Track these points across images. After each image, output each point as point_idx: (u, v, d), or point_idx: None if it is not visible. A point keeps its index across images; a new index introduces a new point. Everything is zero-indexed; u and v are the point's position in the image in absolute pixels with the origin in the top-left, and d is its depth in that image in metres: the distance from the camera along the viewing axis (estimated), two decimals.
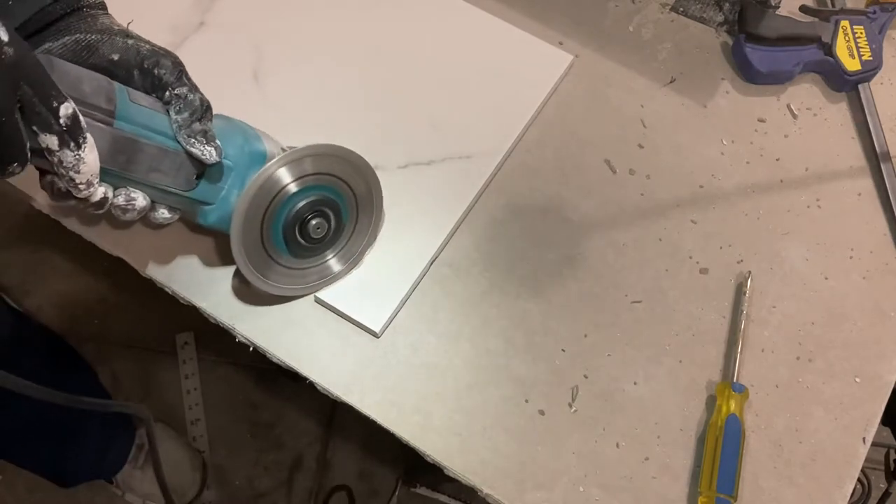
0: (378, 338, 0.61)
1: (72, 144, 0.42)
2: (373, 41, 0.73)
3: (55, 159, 0.42)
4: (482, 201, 0.67)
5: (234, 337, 0.61)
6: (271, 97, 0.70)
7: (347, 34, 0.73)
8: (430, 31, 0.74)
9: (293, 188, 0.55)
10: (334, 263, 0.61)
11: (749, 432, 0.59)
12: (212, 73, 0.70)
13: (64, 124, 0.41)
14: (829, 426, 0.60)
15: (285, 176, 0.54)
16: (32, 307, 1.42)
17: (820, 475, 0.58)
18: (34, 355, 1.13)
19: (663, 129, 0.72)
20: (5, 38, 0.37)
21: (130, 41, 0.50)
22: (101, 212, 0.49)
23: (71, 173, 0.43)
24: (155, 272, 0.62)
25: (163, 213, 0.53)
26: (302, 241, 0.57)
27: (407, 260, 0.63)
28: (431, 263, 0.64)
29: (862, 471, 0.60)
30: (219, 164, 0.52)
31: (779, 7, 0.75)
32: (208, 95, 0.52)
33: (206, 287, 0.62)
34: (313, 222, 0.57)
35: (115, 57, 0.49)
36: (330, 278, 0.61)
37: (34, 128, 0.41)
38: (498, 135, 0.69)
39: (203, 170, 0.52)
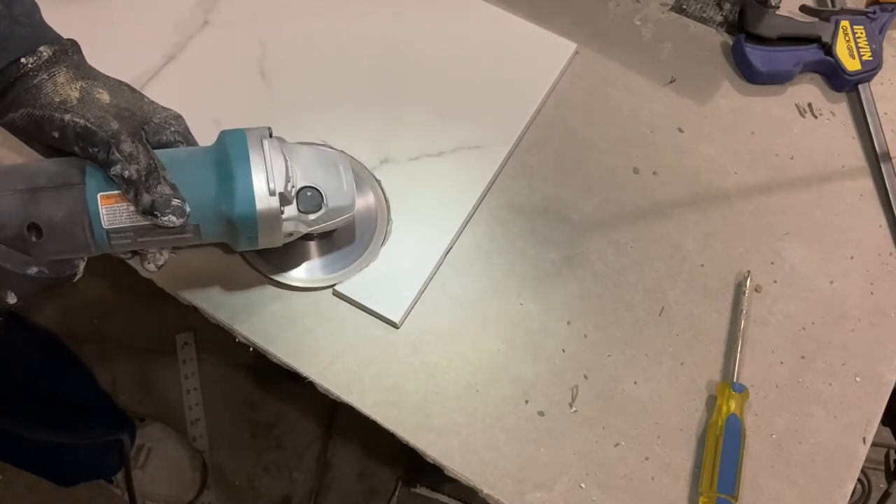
0: (398, 328, 0.61)
1: None
2: (378, 34, 0.73)
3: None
4: (483, 202, 0.67)
5: (234, 337, 0.61)
6: (279, 94, 0.69)
7: (353, 28, 0.73)
8: (434, 23, 0.74)
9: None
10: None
11: (749, 432, 0.59)
12: (218, 72, 0.70)
13: None
14: (829, 426, 0.60)
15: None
16: (32, 307, 1.42)
17: (820, 475, 0.58)
18: (27, 356, 1.13)
19: (663, 129, 0.72)
20: None
21: (67, 117, 0.48)
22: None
23: None
24: (154, 272, 0.62)
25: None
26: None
27: (423, 250, 0.63)
28: (448, 252, 0.64)
29: (862, 471, 0.60)
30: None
31: (779, 7, 0.75)
32: (214, 95, 0.51)
33: (206, 287, 0.62)
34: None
35: (56, 135, 0.48)
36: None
37: None
38: (507, 122, 0.70)
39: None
